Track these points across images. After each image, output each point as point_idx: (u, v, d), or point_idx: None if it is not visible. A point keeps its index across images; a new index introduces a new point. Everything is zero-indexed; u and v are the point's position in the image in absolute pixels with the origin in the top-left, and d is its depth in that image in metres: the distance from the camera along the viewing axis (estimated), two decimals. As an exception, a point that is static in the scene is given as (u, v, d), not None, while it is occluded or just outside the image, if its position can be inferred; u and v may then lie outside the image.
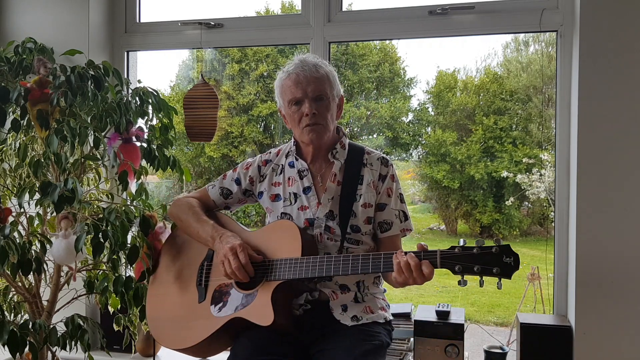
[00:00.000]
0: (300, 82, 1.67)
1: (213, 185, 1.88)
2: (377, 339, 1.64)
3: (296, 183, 1.76)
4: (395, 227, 1.75)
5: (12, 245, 1.70)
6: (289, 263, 1.57)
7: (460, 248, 1.40)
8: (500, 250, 1.37)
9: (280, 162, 1.82)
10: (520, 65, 8.70)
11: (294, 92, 1.69)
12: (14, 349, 1.75)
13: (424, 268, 1.40)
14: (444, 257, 1.40)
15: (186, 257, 1.81)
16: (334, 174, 1.74)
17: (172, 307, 1.75)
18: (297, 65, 1.70)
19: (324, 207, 1.71)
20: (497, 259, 1.37)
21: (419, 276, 1.42)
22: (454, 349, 2.04)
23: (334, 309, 1.66)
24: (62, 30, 2.59)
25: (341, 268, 1.52)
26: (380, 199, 1.75)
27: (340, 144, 1.78)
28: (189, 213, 1.79)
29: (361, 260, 1.51)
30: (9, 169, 2.06)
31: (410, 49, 10.38)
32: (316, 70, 1.68)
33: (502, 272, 1.37)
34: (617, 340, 2.06)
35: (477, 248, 1.39)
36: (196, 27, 2.65)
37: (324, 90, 1.69)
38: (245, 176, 1.84)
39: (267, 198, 1.80)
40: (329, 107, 1.70)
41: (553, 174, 2.54)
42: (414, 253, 1.43)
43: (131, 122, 2.04)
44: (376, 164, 1.77)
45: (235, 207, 1.91)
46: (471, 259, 1.38)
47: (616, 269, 2.07)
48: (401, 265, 1.42)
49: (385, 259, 1.48)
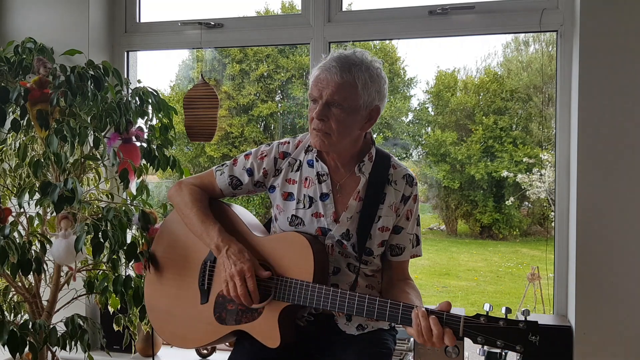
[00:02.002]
0: (321, 81, 1.51)
1: (221, 172, 1.71)
2: (385, 347, 1.62)
3: (313, 186, 1.62)
4: (407, 253, 1.66)
5: (12, 245, 1.70)
6: (299, 286, 1.50)
7: (485, 318, 1.31)
8: (527, 327, 1.29)
9: (298, 157, 1.67)
10: (520, 65, 8.70)
11: (313, 89, 1.53)
12: (14, 349, 1.75)
13: (446, 339, 1.31)
14: (467, 327, 1.32)
15: (185, 246, 1.72)
16: (357, 190, 1.61)
17: (172, 301, 1.70)
18: (327, 62, 1.52)
19: (342, 226, 1.59)
20: (522, 336, 1.29)
21: (439, 343, 1.32)
22: (454, 349, 2.04)
23: (339, 320, 1.62)
24: (62, 30, 2.59)
25: (355, 308, 1.44)
26: (399, 222, 1.64)
27: (369, 156, 1.63)
28: (193, 209, 1.65)
29: (378, 306, 1.42)
30: (9, 169, 2.06)
31: (410, 48, 10.36)
32: (342, 74, 1.49)
33: (525, 351, 1.29)
34: (617, 340, 2.06)
35: (503, 321, 1.30)
36: (196, 27, 2.65)
37: (343, 97, 1.49)
38: (259, 167, 1.67)
39: (279, 195, 1.66)
40: (345, 117, 1.51)
41: (553, 174, 2.54)
42: (437, 316, 1.33)
43: (131, 122, 2.04)
44: (401, 183, 1.63)
45: (242, 195, 1.79)
46: (495, 333, 1.30)
47: (616, 269, 2.07)
48: (422, 328, 1.33)
49: (403, 312, 1.39)
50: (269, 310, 1.54)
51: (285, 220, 1.64)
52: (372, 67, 1.53)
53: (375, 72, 1.54)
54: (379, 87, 1.54)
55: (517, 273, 7.37)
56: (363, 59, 1.53)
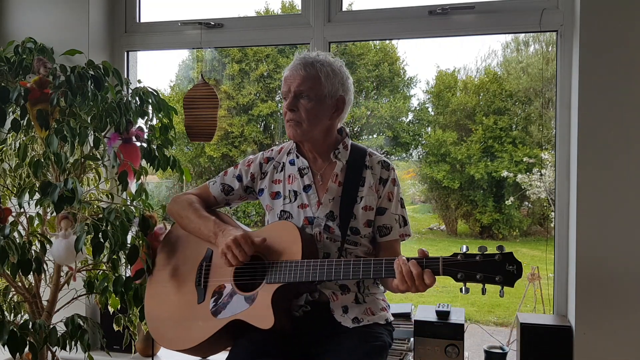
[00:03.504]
0: (288, 77, 1.70)
1: (214, 182, 1.88)
2: (379, 340, 1.64)
3: (297, 181, 1.76)
4: (395, 232, 1.75)
5: (12, 245, 1.70)
6: (289, 266, 1.57)
7: (462, 255, 1.39)
8: (503, 258, 1.36)
9: (281, 160, 1.82)
10: (520, 66, 8.70)
11: (283, 87, 1.72)
12: (14, 349, 1.75)
13: (425, 278, 1.40)
14: (446, 265, 1.39)
15: (183, 256, 1.80)
16: (335, 174, 1.74)
17: (171, 307, 1.74)
18: (292, 63, 1.72)
19: (325, 207, 1.71)
20: (500, 266, 1.36)
21: (421, 285, 1.41)
22: (454, 349, 2.04)
23: (335, 311, 1.65)
24: (62, 30, 2.58)
25: (342, 272, 1.52)
26: (381, 203, 1.74)
27: (343, 145, 1.78)
28: (189, 209, 1.79)
29: (362, 265, 1.50)
30: (9, 169, 2.06)
31: (410, 48, 10.36)
32: (305, 68, 1.68)
33: (504, 281, 1.35)
34: (617, 340, 2.06)
35: (479, 255, 1.38)
36: (196, 27, 2.65)
37: (309, 87, 1.67)
38: (246, 173, 1.84)
39: (268, 195, 1.79)
40: (314, 107, 1.68)
41: (553, 174, 2.54)
42: (416, 260, 1.42)
43: (131, 122, 2.04)
44: (377, 167, 1.76)
45: (236, 203, 1.91)
46: (474, 267, 1.37)
47: (616, 269, 2.07)
48: (403, 273, 1.42)
49: (387, 264, 1.48)
50: (262, 294, 1.58)
51: (274, 217, 1.76)
52: (334, 63, 1.72)
53: (337, 66, 1.73)
54: (341, 80, 1.72)
55: (517, 273, 7.35)
56: (325, 58, 1.72)
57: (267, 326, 1.53)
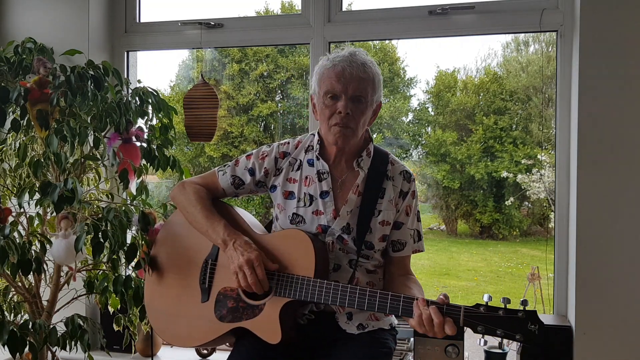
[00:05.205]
0: (345, 77, 1.54)
1: (224, 172, 1.74)
2: (385, 346, 1.62)
3: (314, 184, 1.65)
4: (408, 248, 1.68)
5: (12, 245, 1.70)
6: (301, 282, 1.51)
7: (485, 307, 1.34)
8: (527, 316, 1.31)
9: (298, 157, 1.70)
10: (520, 65, 8.70)
11: (334, 84, 1.55)
12: (14, 349, 1.75)
13: (447, 328, 1.33)
14: (467, 316, 1.34)
15: (187, 247, 1.73)
16: (357, 184, 1.64)
17: (173, 301, 1.70)
18: (346, 59, 1.57)
19: (342, 220, 1.61)
20: (521, 325, 1.30)
21: (440, 332, 1.34)
22: (454, 349, 2.04)
23: (339, 319, 1.62)
24: (62, 30, 2.59)
25: (356, 302, 1.45)
26: (398, 217, 1.66)
27: (367, 152, 1.67)
28: (197, 206, 1.67)
29: (379, 300, 1.43)
30: (9, 169, 2.06)
31: (410, 48, 10.35)
32: (364, 69, 1.56)
33: (525, 340, 1.30)
34: (617, 340, 2.06)
35: (502, 310, 1.32)
36: (196, 27, 2.65)
37: (365, 92, 1.56)
38: (260, 167, 1.71)
39: (280, 194, 1.68)
40: (365, 111, 1.58)
41: (553, 174, 2.54)
42: (437, 306, 1.35)
43: (131, 122, 2.04)
44: (398, 179, 1.67)
45: (244, 196, 1.81)
46: (495, 322, 1.32)
47: (616, 269, 2.07)
48: (423, 318, 1.35)
49: (405, 304, 1.41)
50: (270, 307, 1.54)
51: (286, 218, 1.66)
52: (375, 65, 1.62)
53: (377, 69, 1.63)
54: (381, 84, 1.64)
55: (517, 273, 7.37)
56: (367, 57, 1.61)
57: (274, 341, 1.50)
